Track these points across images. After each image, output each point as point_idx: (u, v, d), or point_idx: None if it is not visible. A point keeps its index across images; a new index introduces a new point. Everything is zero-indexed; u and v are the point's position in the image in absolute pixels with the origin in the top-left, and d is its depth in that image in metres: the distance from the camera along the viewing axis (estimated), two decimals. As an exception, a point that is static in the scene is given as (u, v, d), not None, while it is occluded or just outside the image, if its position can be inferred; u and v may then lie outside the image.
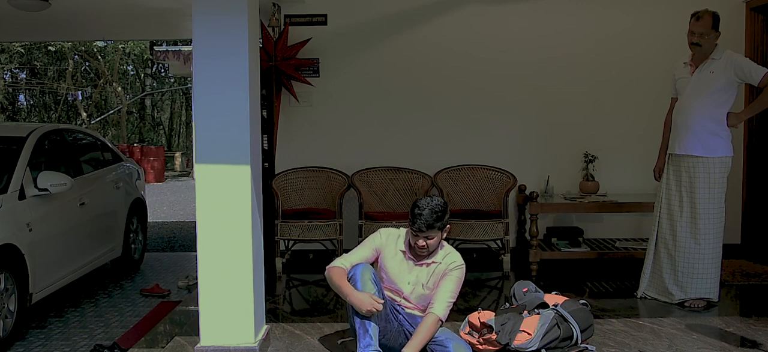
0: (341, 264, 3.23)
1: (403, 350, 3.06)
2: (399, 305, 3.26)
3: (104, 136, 14.52)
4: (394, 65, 5.89)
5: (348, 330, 3.67)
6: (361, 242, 3.47)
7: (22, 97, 25.05)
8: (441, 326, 3.17)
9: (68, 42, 20.44)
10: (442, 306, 3.13)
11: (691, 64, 4.28)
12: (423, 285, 3.19)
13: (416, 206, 3.10)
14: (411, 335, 3.14)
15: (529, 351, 3.33)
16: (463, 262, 3.23)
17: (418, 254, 3.16)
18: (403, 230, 3.30)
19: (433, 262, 3.21)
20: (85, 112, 24.41)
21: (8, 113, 23.61)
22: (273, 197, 5.43)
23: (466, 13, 5.85)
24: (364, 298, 3.02)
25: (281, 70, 5.69)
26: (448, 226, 3.18)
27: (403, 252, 3.22)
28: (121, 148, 15.66)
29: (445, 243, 3.27)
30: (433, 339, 3.14)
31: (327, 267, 3.28)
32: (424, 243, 3.10)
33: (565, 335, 3.39)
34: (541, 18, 5.81)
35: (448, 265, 3.20)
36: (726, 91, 4.15)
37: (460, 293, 3.27)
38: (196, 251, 3.43)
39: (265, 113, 5.65)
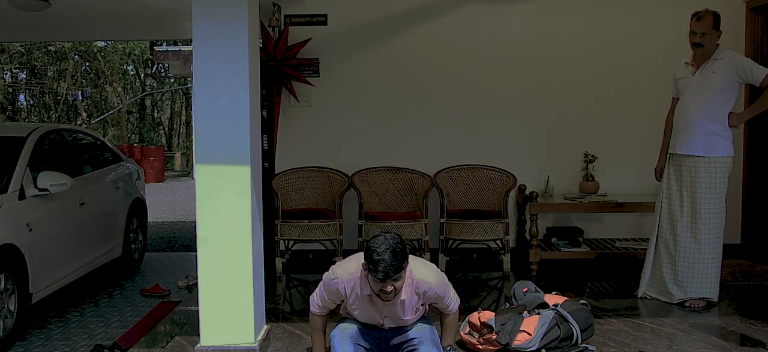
0: (319, 312, 3.18)
1: (444, 342, 3.21)
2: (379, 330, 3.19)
3: (104, 136, 14.54)
4: (394, 65, 5.88)
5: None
6: (355, 253, 3.22)
7: (22, 97, 25.05)
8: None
9: (68, 42, 20.44)
10: (455, 304, 3.19)
11: (693, 64, 4.28)
12: (400, 318, 3.05)
13: (374, 251, 2.74)
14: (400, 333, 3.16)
15: (529, 351, 3.33)
16: (438, 279, 3.03)
17: (382, 299, 2.88)
18: (358, 266, 2.97)
19: (403, 299, 2.96)
20: (85, 112, 24.41)
21: (8, 113, 23.61)
22: (273, 197, 5.43)
23: (466, 13, 5.85)
24: None
25: (281, 70, 5.69)
26: (407, 263, 2.88)
27: (369, 296, 2.96)
28: (121, 148, 15.65)
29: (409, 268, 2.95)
30: (407, 337, 3.11)
31: (310, 309, 3.22)
32: (392, 288, 2.79)
33: (565, 335, 3.40)
34: (541, 18, 5.81)
35: (427, 294, 3.02)
36: (727, 91, 4.15)
37: (459, 293, 3.28)
38: (196, 251, 3.43)
39: (265, 113, 5.65)
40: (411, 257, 2.94)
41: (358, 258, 2.97)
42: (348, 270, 2.99)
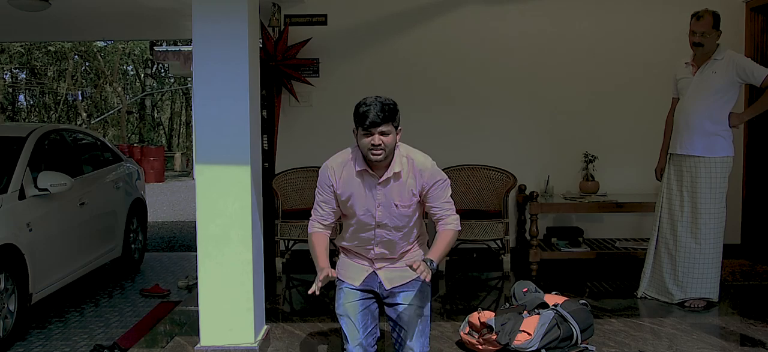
0: (318, 228, 2.90)
1: (428, 255, 2.71)
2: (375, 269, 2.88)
3: (104, 136, 14.54)
4: (394, 65, 5.88)
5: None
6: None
7: (22, 97, 25.06)
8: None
9: (68, 42, 20.45)
10: (452, 218, 2.80)
11: (693, 64, 4.28)
12: (396, 205, 2.75)
13: (362, 103, 2.67)
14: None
15: (529, 351, 3.33)
16: (433, 166, 2.80)
17: (373, 158, 2.67)
18: (348, 151, 2.84)
19: (396, 173, 2.74)
20: (85, 112, 24.42)
21: (8, 113, 23.61)
22: (273, 197, 5.43)
23: (466, 13, 5.85)
24: (319, 275, 2.68)
25: (281, 70, 5.69)
26: (401, 128, 2.76)
27: (360, 171, 2.76)
28: (121, 148, 15.66)
29: (400, 146, 2.80)
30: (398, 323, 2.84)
31: (308, 231, 2.95)
32: (380, 140, 2.63)
33: (565, 335, 3.40)
34: (541, 18, 5.81)
35: (423, 175, 2.76)
36: (728, 91, 4.15)
37: (459, 293, 3.27)
38: (196, 251, 3.43)
39: (265, 113, 5.65)
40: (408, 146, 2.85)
41: (348, 149, 2.87)
42: (337, 157, 2.86)
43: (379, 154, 2.66)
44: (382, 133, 2.64)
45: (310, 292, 2.61)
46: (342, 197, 2.82)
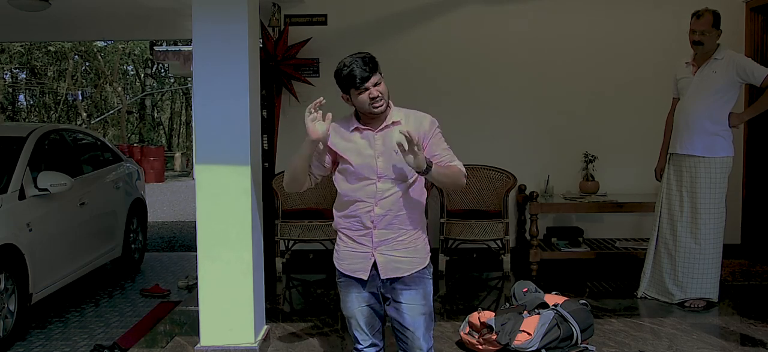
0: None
1: (434, 166, 2.54)
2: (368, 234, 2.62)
3: (104, 136, 14.54)
4: (394, 65, 5.85)
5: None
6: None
7: (22, 97, 25.06)
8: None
9: (68, 42, 20.45)
10: (459, 163, 2.66)
11: (693, 64, 4.28)
12: (395, 151, 2.55)
13: (342, 66, 2.62)
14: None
15: (529, 351, 3.33)
16: (432, 117, 2.70)
17: (376, 110, 2.58)
18: (341, 120, 2.76)
19: (395, 122, 2.63)
20: (85, 112, 24.42)
21: (8, 113, 23.62)
22: (273, 197, 5.43)
23: (466, 14, 5.85)
24: (307, 132, 2.60)
25: (281, 70, 5.69)
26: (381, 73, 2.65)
27: (358, 128, 2.66)
28: (121, 148, 15.65)
29: (393, 107, 2.71)
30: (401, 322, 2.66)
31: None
32: (377, 92, 2.57)
33: (565, 335, 3.40)
34: (541, 18, 5.82)
35: (423, 123, 2.64)
36: (728, 91, 4.15)
37: (459, 293, 3.26)
38: (196, 251, 3.43)
39: (265, 113, 5.65)
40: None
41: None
42: (333, 125, 2.71)
43: (381, 104, 2.60)
44: (376, 84, 2.59)
45: (313, 106, 2.61)
46: (337, 150, 2.68)
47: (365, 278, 2.66)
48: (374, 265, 2.64)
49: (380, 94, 2.58)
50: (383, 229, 2.61)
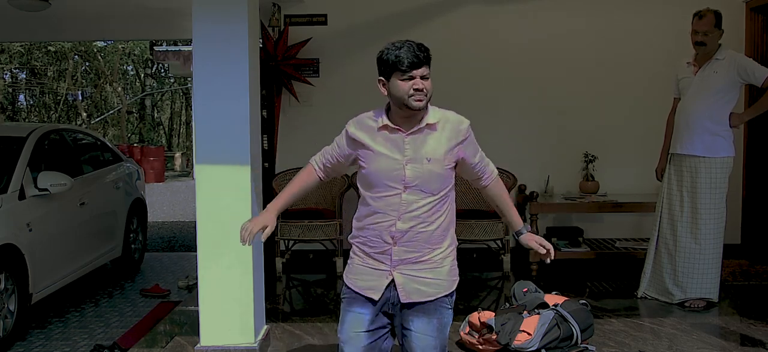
0: (311, 163, 2.64)
1: (514, 219, 2.46)
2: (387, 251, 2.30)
3: (104, 136, 14.54)
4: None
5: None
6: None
7: (22, 97, 25.06)
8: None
9: (68, 42, 20.45)
10: (491, 166, 2.46)
11: (694, 64, 4.28)
12: (427, 159, 2.24)
13: (392, 47, 2.22)
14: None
15: (529, 351, 3.33)
16: (467, 119, 2.40)
17: (415, 104, 2.20)
18: (369, 112, 2.41)
19: (431, 125, 2.27)
20: (85, 112, 24.42)
21: (8, 113, 23.62)
22: (273, 197, 5.42)
23: (465, 14, 5.85)
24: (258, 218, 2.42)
25: (281, 70, 5.69)
26: None
27: (386, 127, 2.29)
28: (121, 148, 15.65)
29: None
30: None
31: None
32: (423, 85, 2.20)
33: (565, 335, 3.40)
34: (541, 18, 5.81)
35: (460, 128, 2.32)
36: (728, 91, 4.15)
37: (459, 293, 3.24)
38: (196, 251, 3.43)
39: (265, 113, 5.65)
40: None
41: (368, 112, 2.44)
42: (358, 116, 2.44)
43: (422, 101, 2.21)
44: (424, 77, 2.20)
45: (243, 237, 2.35)
46: (360, 150, 2.36)
47: (376, 299, 2.30)
48: (390, 285, 2.29)
49: (425, 89, 2.20)
50: (404, 246, 2.27)
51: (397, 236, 2.26)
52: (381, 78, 2.28)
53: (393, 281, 2.29)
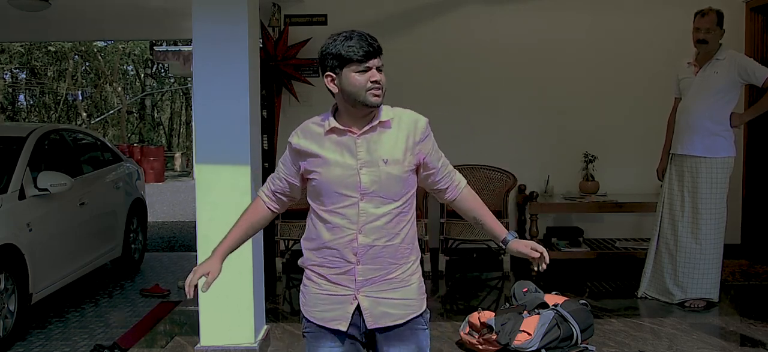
0: (260, 195, 2.32)
1: (496, 229, 2.24)
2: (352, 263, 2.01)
3: (104, 136, 14.54)
4: (394, 65, 5.85)
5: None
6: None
7: (22, 97, 25.06)
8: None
9: (68, 42, 20.45)
10: (458, 176, 2.28)
11: (695, 64, 4.28)
12: (384, 161, 2.01)
13: (339, 37, 2.06)
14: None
15: (529, 351, 3.33)
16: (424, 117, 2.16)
17: (374, 100, 2.02)
18: (315, 117, 2.20)
19: (383, 122, 2.06)
20: (85, 112, 24.42)
21: (8, 113, 23.62)
22: (273, 197, 5.42)
23: (466, 14, 5.85)
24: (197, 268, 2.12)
25: (281, 70, 5.69)
26: None
27: (334, 129, 2.10)
28: (121, 148, 15.66)
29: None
30: None
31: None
32: (379, 77, 2.03)
33: (565, 335, 3.40)
34: (541, 18, 5.81)
35: (417, 126, 2.12)
36: (729, 91, 4.15)
37: (459, 293, 3.25)
38: (196, 251, 3.43)
39: (265, 113, 5.64)
40: None
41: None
42: (302, 124, 2.22)
43: (380, 95, 2.03)
44: (379, 69, 2.04)
45: (187, 291, 2.04)
46: (308, 162, 2.10)
47: (344, 330, 2.02)
48: (356, 311, 2.02)
49: (381, 82, 2.03)
50: (369, 263, 2.00)
51: (361, 251, 1.99)
52: (330, 74, 2.09)
53: (358, 306, 2.02)
